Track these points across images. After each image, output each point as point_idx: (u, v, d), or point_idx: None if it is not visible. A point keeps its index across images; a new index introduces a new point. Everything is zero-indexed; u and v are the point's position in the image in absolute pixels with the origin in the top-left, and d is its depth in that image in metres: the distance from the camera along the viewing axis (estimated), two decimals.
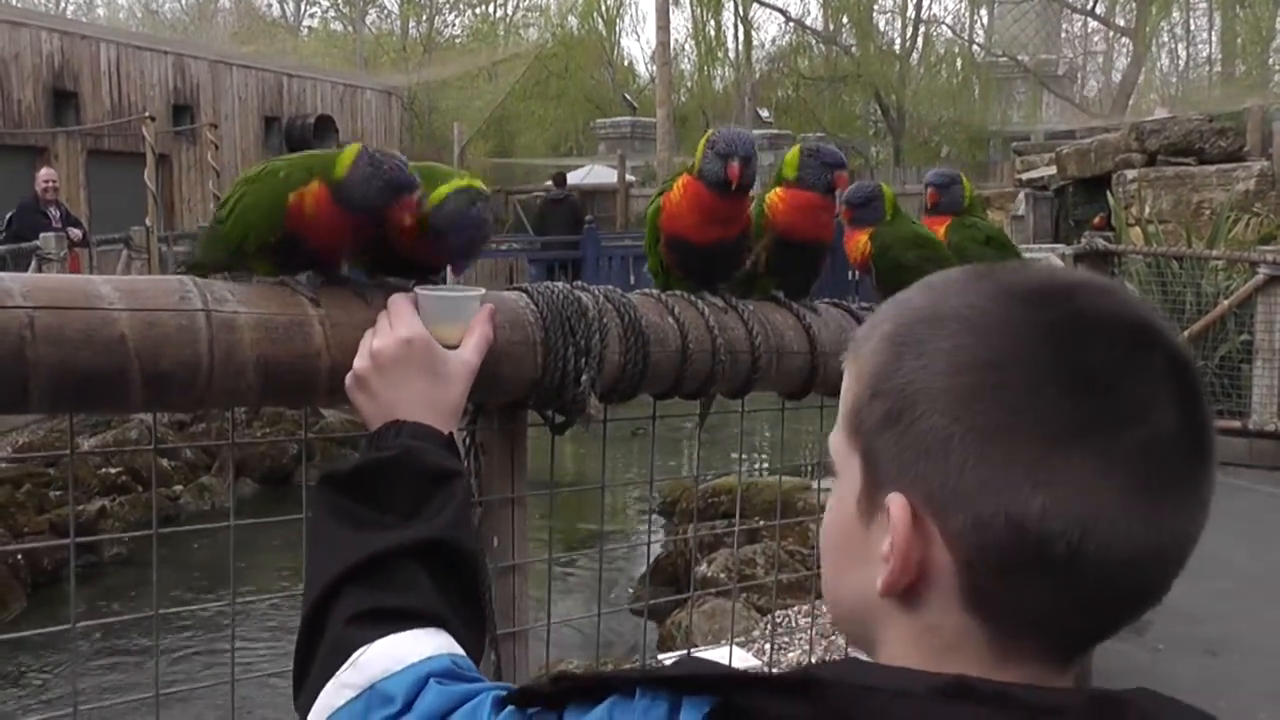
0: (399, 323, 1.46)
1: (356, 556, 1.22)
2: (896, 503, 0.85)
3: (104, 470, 10.29)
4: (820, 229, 2.16)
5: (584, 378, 1.74)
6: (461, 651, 1.19)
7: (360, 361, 1.46)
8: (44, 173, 14.20)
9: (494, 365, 1.61)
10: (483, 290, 1.56)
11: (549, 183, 20.87)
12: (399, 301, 1.49)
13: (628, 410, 2.01)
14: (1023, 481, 0.81)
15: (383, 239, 1.63)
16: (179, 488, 10.96)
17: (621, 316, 1.83)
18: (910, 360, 0.86)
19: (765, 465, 10.71)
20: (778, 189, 2.13)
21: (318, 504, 1.32)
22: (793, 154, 2.14)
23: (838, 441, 0.94)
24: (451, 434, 1.41)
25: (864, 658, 0.93)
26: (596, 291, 1.84)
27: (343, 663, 1.16)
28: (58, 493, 10.01)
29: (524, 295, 1.75)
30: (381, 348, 1.44)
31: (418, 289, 1.51)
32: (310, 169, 1.56)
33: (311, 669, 1.19)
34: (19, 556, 8.51)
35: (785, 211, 2.11)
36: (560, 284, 1.79)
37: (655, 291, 2.02)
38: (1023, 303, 0.85)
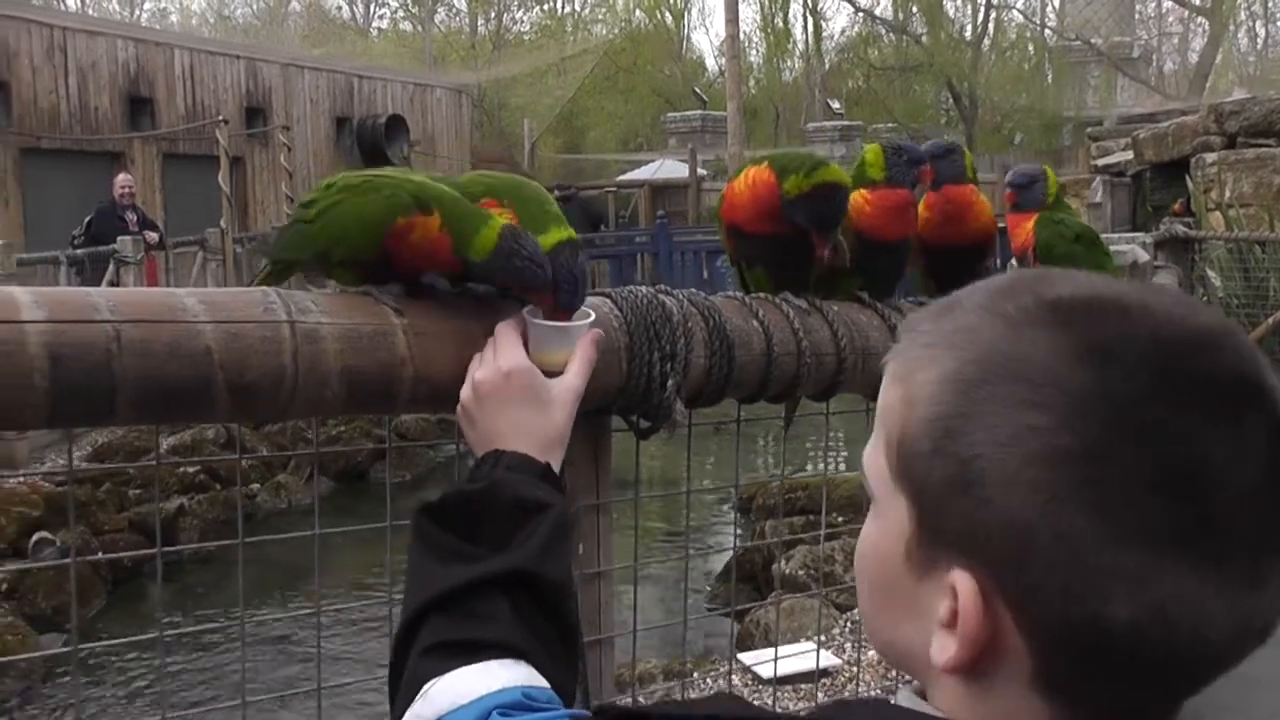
0: (502, 353, 1.46)
1: (439, 588, 1.24)
2: (967, 587, 0.78)
3: (182, 469, 10.45)
4: (906, 228, 2.12)
5: (669, 383, 1.71)
6: (542, 682, 1.19)
7: (464, 392, 1.47)
8: (121, 178, 14.47)
9: None
10: (591, 315, 1.55)
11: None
12: (505, 330, 1.49)
13: (710, 413, 1.98)
14: (1115, 590, 0.73)
15: None
16: (256, 486, 11.12)
17: (706, 320, 1.80)
18: (980, 431, 0.77)
19: (844, 460, 10.64)
20: (862, 190, 2.08)
21: (413, 533, 1.32)
22: (874, 153, 2.09)
23: (877, 467, 0.85)
24: (549, 463, 1.40)
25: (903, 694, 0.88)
26: (680, 295, 1.82)
27: (416, 694, 1.17)
28: (137, 491, 10.18)
29: (608, 300, 1.73)
30: (482, 379, 1.45)
31: (526, 314, 1.50)
32: (421, 200, 1.51)
33: (397, 698, 1.21)
34: (99, 553, 8.67)
35: (873, 213, 2.07)
36: (644, 288, 1.77)
37: (739, 295, 1.99)
38: (1115, 367, 0.75)
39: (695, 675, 5.00)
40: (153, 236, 13.69)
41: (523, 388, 1.43)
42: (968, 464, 0.77)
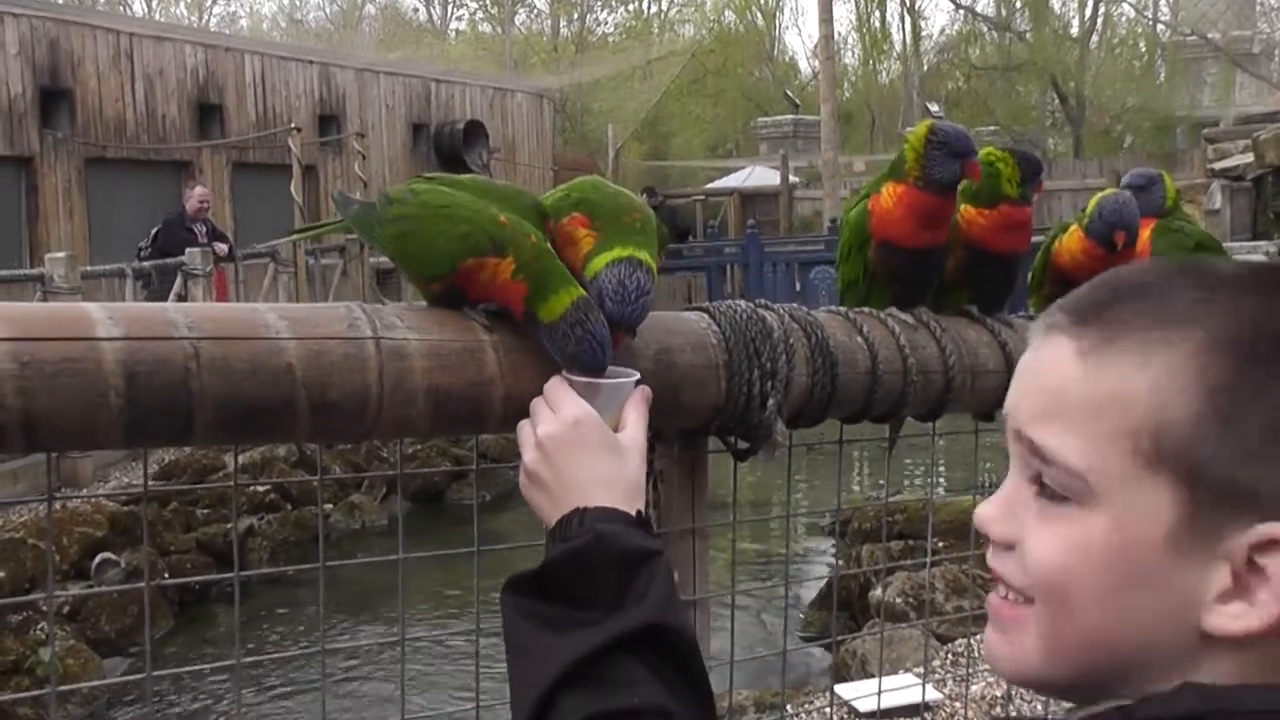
0: (562, 406, 1.36)
1: (565, 662, 1.13)
2: None
3: (252, 489, 10.39)
4: (1019, 240, 2.02)
5: (770, 402, 1.63)
6: None
7: (528, 454, 1.36)
8: (199, 191, 14.03)
9: (675, 390, 1.53)
10: (636, 375, 1.45)
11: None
12: (556, 385, 1.40)
13: (806, 432, 1.89)
14: None
15: None
16: (329, 506, 11.03)
17: (808, 336, 1.72)
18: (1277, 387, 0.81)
19: (944, 482, 10.41)
20: (990, 204, 1.98)
21: (510, 613, 1.22)
22: (1009, 165, 1.97)
23: (1103, 463, 0.84)
24: (640, 512, 1.31)
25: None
26: (781, 310, 1.74)
27: None
28: (205, 510, 10.09)
29: (705, 315, 1.66)
30: (548, 433, 1.34)
31: (570, 375, 1.42)
32: (498, 242, 1.44)
33: None
34: (165, 574, 8.65)
35: (988, 225, 1.98)
36: (743, 302, 1.70)
37: (841, 309, 1.90)
38: None
39: (789, 707, 4.87)
40: (222, 248, 13.36)
41: (596, 434, 1.34)
42: (1271, 419, 0.80)
